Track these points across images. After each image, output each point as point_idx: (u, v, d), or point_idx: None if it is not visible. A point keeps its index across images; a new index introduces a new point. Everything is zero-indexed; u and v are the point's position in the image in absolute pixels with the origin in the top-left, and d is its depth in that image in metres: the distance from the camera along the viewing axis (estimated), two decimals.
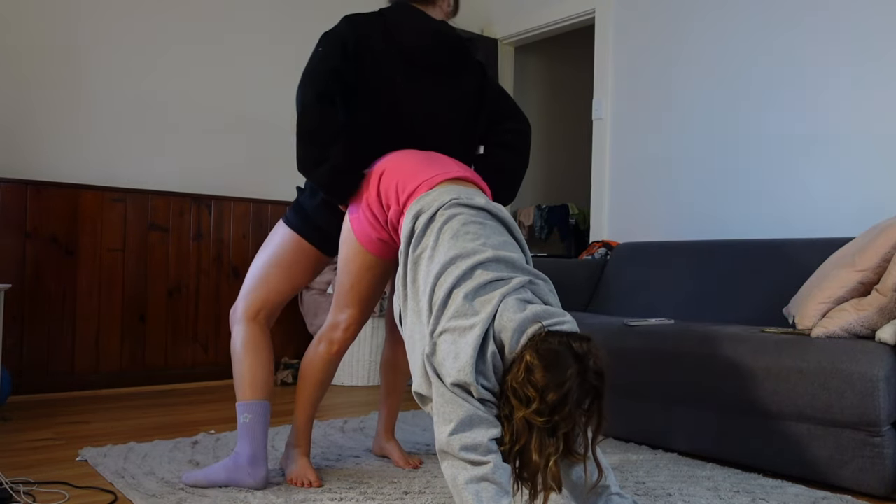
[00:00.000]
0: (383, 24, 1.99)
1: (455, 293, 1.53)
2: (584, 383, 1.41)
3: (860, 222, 2.87)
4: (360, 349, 3.73)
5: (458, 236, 1.63)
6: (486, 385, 1.45)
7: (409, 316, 1.63)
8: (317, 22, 4.14)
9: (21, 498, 1.78)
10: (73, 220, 3.36)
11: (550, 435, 1.40)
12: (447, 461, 1.46)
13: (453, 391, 1.45)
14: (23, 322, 3.22)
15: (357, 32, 1.95)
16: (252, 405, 1.96)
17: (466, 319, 1.49)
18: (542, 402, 1.38)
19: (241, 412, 1.96)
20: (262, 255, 2.07)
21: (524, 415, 1.39)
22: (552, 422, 1.39)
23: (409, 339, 1.63)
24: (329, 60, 1.90)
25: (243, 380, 1.99)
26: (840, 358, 1.98)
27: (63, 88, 3.37)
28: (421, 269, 1.63)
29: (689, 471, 2.16)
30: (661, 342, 2.41)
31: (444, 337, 1.50)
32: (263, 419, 1.96)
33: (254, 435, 1.94)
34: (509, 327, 1.46)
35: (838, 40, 3.05)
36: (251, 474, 1.90)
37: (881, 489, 1.92)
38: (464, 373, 1.43)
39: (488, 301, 1.51)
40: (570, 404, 1.39)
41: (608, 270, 3.45)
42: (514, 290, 1.54)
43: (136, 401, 3.19)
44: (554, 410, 1.38)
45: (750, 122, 3.34)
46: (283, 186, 3.93)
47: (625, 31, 3.93)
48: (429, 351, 1.52)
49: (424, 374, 1.53)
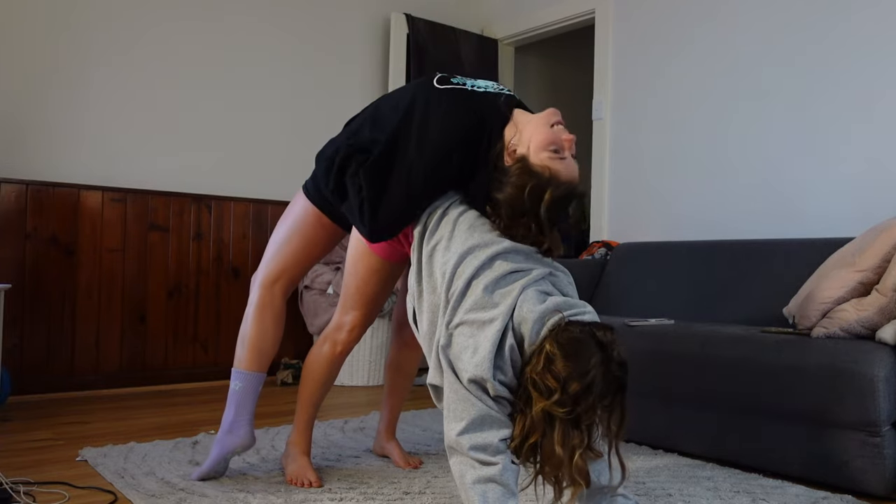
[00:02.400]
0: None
1: (475, 284, 1.51)
2: (608, 373, 1.37)
3: (860, 222, 2.87)
4: (361, 349, 3.73)
5: (475, 227, 1.62)
6: (503, 380, 1.43)
7: (427, 311, 1.60)
8: (317, 22, 4.14)
9: (21, 498, 1.78)
10: (72, 221, 3.36)
11: (574, 427, 1.36)
12: (455, 458, 1.45)
13: (468, 388, 1.43)
14: (23, 322, 3.22)
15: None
16: (246, 375, 2.00)
17: (486, 312, 1.46)
18: (563, 393, 1.34)
19: (234, 378, 2.01)
20: (283, 225, 2.06)
21: (544, 406, 1.35)
22: (575, 412, 1.35)
23: (426, 335, 1.60)
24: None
25: (245, 346, 2.02)
26: (840, 358, 1.97)
27: (63, 88, 3.36)
28: (437, 261, 1.61)
29: (690, 471, 2.16)
30: (661, 342, 2.41)
31: (461, 329, 1.48)
32: (253, 390, 2.01)
33: (239, 402, 1.99)
34: (529, 319, 1.43)
35: (838, 40, 3.05)
36: (235, 437, 1.97)
37: (881, 489, 1.92)
38: (481, 368, 1.41)
39: (508, 293, 1.49)
40: (595, 395, 1.36)
41: (608, 270, 3.45)
42: (534, 281, 1.52)
43: (136, 401, 3.19)
44: (577, 401, 1.35)
45: (750, 122, 3.33)
46: (283, 186, 3.92)
47: (625, 31, 3.92)
48: (444, 342, 1.49)
49: (438, 365, 1.51)
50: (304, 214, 2.01)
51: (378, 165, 1.75)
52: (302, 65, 4.09)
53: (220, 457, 1.99)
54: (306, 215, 2.01)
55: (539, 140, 1.66)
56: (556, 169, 1.63)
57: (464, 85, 1.84)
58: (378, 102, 1.95)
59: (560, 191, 1.61)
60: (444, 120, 1.75)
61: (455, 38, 4.50)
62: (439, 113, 1.76)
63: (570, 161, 1.68)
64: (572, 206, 1.67)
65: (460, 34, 4.54)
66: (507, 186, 1.63)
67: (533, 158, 1.65)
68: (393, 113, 1.84)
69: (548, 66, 5.81)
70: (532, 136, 1.68)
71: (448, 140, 1.73)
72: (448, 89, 1.81)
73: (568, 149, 1.68)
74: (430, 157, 1.73)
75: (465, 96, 1.80)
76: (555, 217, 1.62)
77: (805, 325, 2.23)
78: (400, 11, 4.38)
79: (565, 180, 1.63)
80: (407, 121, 1.79)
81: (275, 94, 4.00)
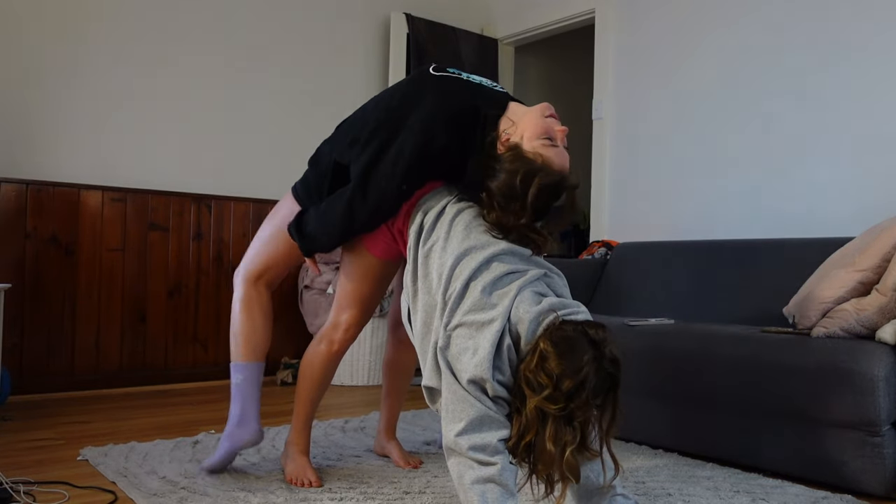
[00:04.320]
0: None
1: (472, 286, 1.52)
2: (601, 370, 1.38)
3: (860, 222, 2.87)
4: (361, 349, 3.73)
5: (471, 228, 1.63)
6: (501, 379, 1.44)
7: (420, 311, 1.61)
8: (317, 22, 4.14)
9: (21, 498, 1.78)
10: (73, 220, 3.36)
11: (567, 424, 1.37)
12: (454, 458, 1.46)
13: (467, 389, 1.43)
14: (23, 322, 3.22)
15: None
16: (244, 367, 2.01)
17: (485, 313, 1.47)
18: (555, 389, 1.35)
19: (234, 372, 2.02)
20: (269, 223, 2.07)
21: (536, 403, 1.37)
22: (568, 409, 1.36)
23: (420, 335, 1.61)
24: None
25: (238, 341, 2.03)
26: (840, 358, 1.98)
27: (63, 88, 3.36)
28: (433, 262, 1.62)
29: (689, 471, 2.16)
30: (661, 342, 2.41)
31: (459, 331, 1.48)
32: (255, 380, 2.01)
33: (244, 395, 2.00)
34: (525, 319, 1.45)
35: (838, 40, 3.05)
36: (245, 431, 1.98)
37: (881, 489, 1.93)
38: (481, 368, 1.42)
39: (505, 294, 1.50)
40: (587, 391, 1.36)
41: (608, 270, 3.46)
42: (529, 282, 1.53)
43: (137, 401, 3.19)
44: (570, 398, 1.36)
45: (750, 122, 3.34)
46: (283, 186, 3.92)
47: (624, 31, 3.93)
48: (442, 344, 1.50)
49: (435, 367, 1.52)
50: (291, 215, 2.01)
51: (365, 169, 1.79)
52: (302, 64, 4.09)
53: (231, 450, 2.01)
54: (293, 216, 2.01)
55: (533, 129, 1.69)
56: (548, 156, 1.66)
57: (459, 75, 1.87)
58: (370, 101, 1.97)
59: (550, 178, 1.63)
60: (437, 98, 1.78)
61: (455, 38, 4.50)
62: (435, 91, 1.80)
63: (562, 150, 1.70)
64: (563, 198, 1.66)
65: (460, 34, 4.54)
66: (500, 173, 1.64)
67: (526, 146, 1.67)
68: (384, 103, 1.88)
69: (548, 66, 5.81)
70: (526, 126, 1.70)
71: (437, 115, 1.75)
72: (444, 75, 1.85)
73: (560, 140, 1.70)
74: (419, 131, 1.75)
75: (461, 83, 1.84)
76: (544, 204, 1.62)
77: (805, 325, 2.23)
78: (400, 11, 4.38)
79: (557, 168, 1.66)
80: (402, 102, 1.82)
81: (275, 94, 4.00)
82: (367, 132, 1.84)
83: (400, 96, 1.85)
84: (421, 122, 1.76)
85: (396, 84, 1.94)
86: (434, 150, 1.75)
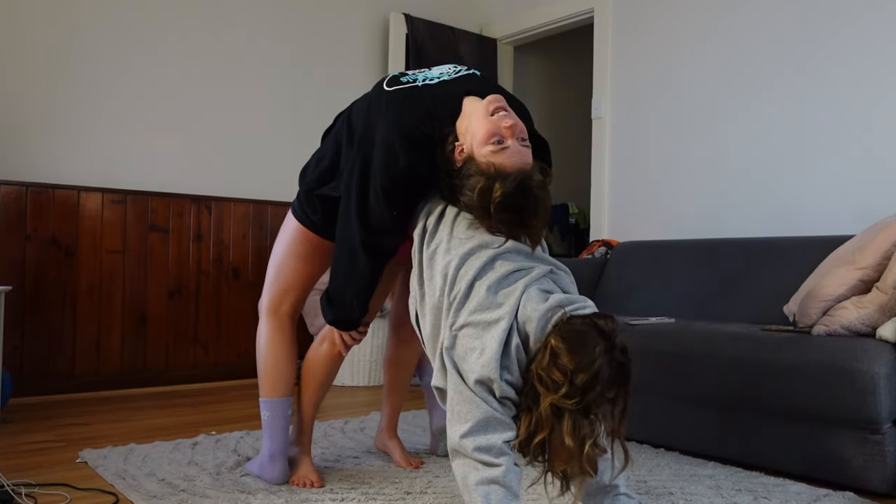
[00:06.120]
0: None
1: (477, 285, 1.51)
2: (613, 360, 1.37)
3: (860, 220, 2.87)
4: (362, 349, 3.73)
5: (473, 227, 1.62)
6: (509, 380, 1.43)
7: (429, 314, 1.60)
8: (316, 22, 4.14)
9: (22, 500, 1.78)
10: (73, 222, 3.36)
11: (584, 417, 1.36)
12: (458, 459, 1.45)
13: (474, 390, 1.43)
14: (23, 324, 3.22)
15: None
16: (271, 403, 2.01)
17: (491, 313, 1.46)
18: (571, 385, 1.34)
19: (262, 409, 2.02)
20: (278, 247, 2.06)
21: (552, 401, 1.36)
22: (584, 402, 1.35)
23: (430, 337, 1.60)
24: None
25: (264, 377, 2.03)
26: (841, 356, 1.97)
27: (63, 89, 3.36)
28: (437, 264, 1.61)
29: (691, 469, 2.16)
30: (661, 341, 2.41)
31: (465, 331, 1.48)
32: (283, 416, 2.01)
33: (272, 432, 2.00)
34: (534, 317, 1.44)
35: (838, 40, 3.04)
36: (270, 470, 1.98)
37: (882, 487, 1.92)
38: (488, 368, 1.41)
39: (511, 293, 1.49)
40: (602, 383, 1.36)
41: (608, 269, 3.45)
42: (535, 279, 1.52)
43: (137, 402, 3.19)
44: (585, 391, 1.35)
45: (750, 121, 3.33)
46: (283, 187, 3.92)
47: (624, 30, 3.92)
48: (448, 344, 1.49)
49: (442, 367, 1.51)
50: (296, 234, 2.00)
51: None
52: (301, 65, 4.09)
53: (257, 475, 2.03)
54: (297, 235, 2.00)
55: (480, 135, 1.61)
56: (499, 163, 1.57)
57: (414, 82, 1.79)
58: (334, 130, 1.94)
59: (509, 183, 1.54)
60: (390, 118, 1.72)
61: (454, 38, 4.50)
62: (387, 111, 1.74)
63: (514, 149, 1.59)
64: (532, 193, 1.57)
65: (459, 34, 4.54)
66: (465, 189, 1.59)
67: (477, 156, 1.60)
68: (348, 133, 1.83)
69: (547, 65, 5.81)
70: (475, 131, 1.63)
71: (392, 137, 1.69)
72: (398, 89, 1.78)
73: (511, 136, 1.60)
74: (381, 157, 1.70)
75: (415, 93, 1.76)
76: (515, 207, 1.56)
77: (805, 323, 2.23)
78: (399, 11, 4.38)
79: (511, 171, 1.56)
80: (366, 127, 1.77)
81: (274, 95, 3.99)
82: (346, 172, 1.80)
83: (363, 119, 1.80)
84: (380, 147, 1.71)
85: (357, 104, 1.89)
86: (401, 172, 1.69)
